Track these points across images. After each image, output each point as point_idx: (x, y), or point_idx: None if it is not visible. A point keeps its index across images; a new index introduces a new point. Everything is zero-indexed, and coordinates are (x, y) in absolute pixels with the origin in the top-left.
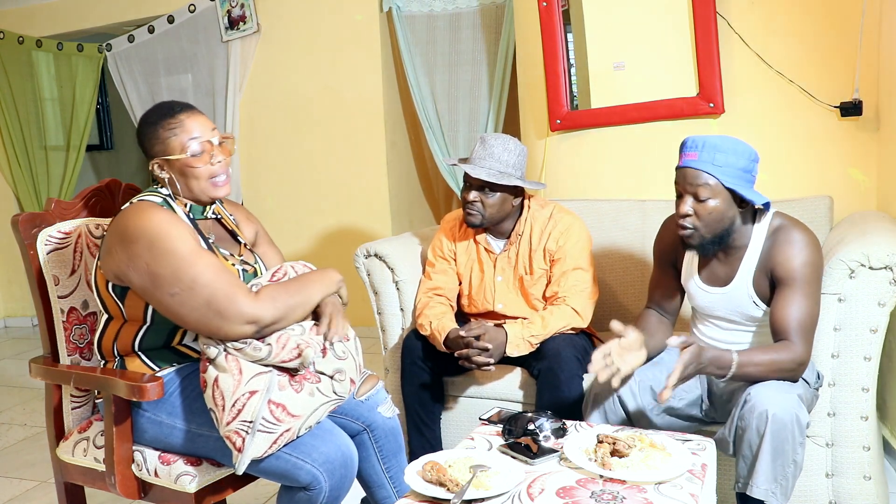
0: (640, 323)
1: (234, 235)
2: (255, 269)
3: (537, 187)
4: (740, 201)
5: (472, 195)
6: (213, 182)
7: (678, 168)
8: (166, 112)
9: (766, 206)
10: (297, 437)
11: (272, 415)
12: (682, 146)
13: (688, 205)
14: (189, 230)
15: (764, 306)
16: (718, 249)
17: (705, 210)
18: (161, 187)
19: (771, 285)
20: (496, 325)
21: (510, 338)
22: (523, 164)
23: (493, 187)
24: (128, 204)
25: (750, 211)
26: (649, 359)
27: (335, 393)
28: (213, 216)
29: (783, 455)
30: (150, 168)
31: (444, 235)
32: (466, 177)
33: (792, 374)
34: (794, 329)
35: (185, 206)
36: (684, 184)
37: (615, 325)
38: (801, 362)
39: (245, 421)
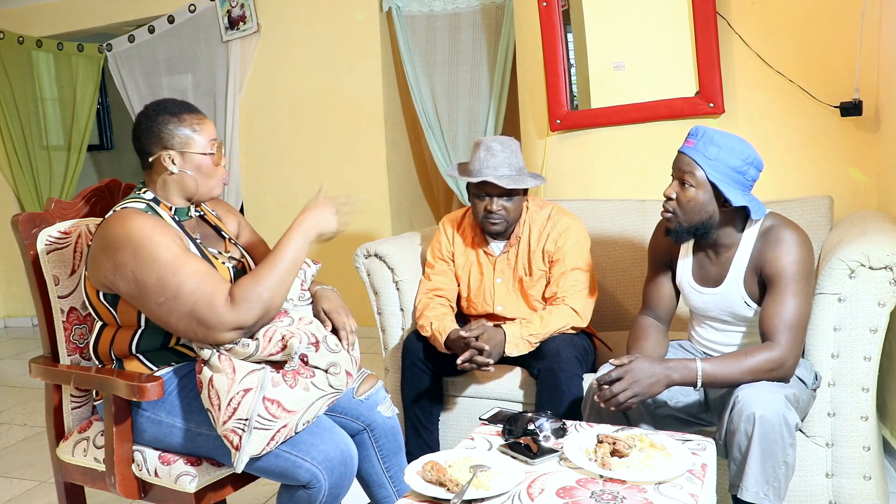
0: (635, 332)
1: (218, 231)
2: (243, 263)
3: (541, 182)
4: (724, 200)
5: (497, 204)
6: (220, 181)
7: (678, 151)
8: (187, 107)
9: (749, 210)
10: (296, 434)
11: (267, 411)
12: (688, 132)
13: (673, 188)
14: (174, 234)
15: (755, 306)
16: (694, 240)
17: (685, 197)
18: (145, 192)
19: (761, 285)
20: (495, 325)
21: (508, 337)
22: (523, 161)
23: (513, 192)
24: (111, 212)
25: (742, 214)
26: None
27: (331, 386)
28: (197, 213)
29: (773, 457)
30: (155, 158)
31: (442, 236)
32: (484, 187)
33: (774, 374)
34: (779, 328)
35: (170, 209)
36: (676, 167)
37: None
38: (782, 362)
39: (241, 419)
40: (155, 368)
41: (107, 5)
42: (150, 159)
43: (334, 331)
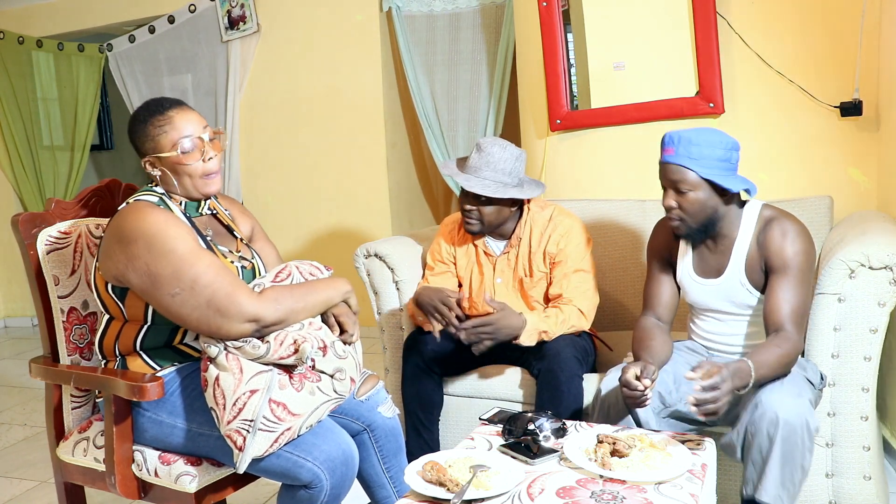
0: (640, 333)
1: (230, 230)
2: (253, 264)
3: (535, 194)
4: (722, 190)
5: (470, 204)
6: (205, 179)
7: (660, 163)
8: (156, 109)
9: (749, 191)
10: (298, 436)
11: (273, 414)
12: (661, 142)
13: (671, 198)
14: (187, 229)
15: (757, 293)
16: (707, 237)
17: (687, 202)
18: (156, 186)
19: (764, 275)
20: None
21: (528, 326)
22: (521, 170)
23: (490, 199)
24: (124, 204)
25: (737, 199)
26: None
27: (335, 392)
28: (209, 212)
29: (792, 461)
30: (142, 165)
31: (443, 239)
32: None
33: (793, 363)
34: (788, 318)
35: (181, 204)
36: (665, 178)
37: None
38: (799, 350)
39: (246, 420)
40: (157, 367)
41: (107, 5)
42: (142, 165)
43: (341, 335)
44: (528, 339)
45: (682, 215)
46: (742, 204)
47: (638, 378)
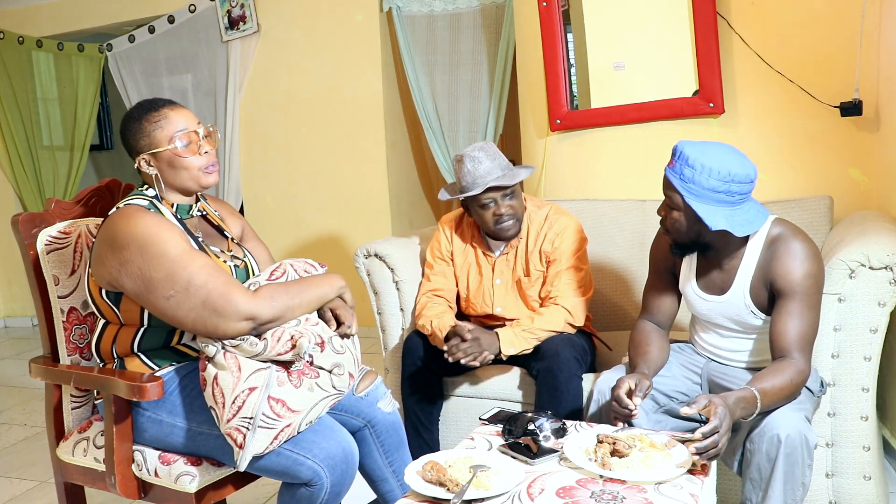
0: (637, 336)
1: (220, 231)
2: (245, 262)
3: (531, 171)
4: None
5: (505, 206)
6: (203, 171)
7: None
8: (149, 107)
9: (732, 231)
10: (298, 433)
11: (272, 411)
12: (672, 149)
13: (663, 207)
14: (178, 231)
15: (762, 315)
16: (703, 252)
17: (670, 218)
18: (147, 189)
19: (770, 296)
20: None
21: (502, 337)
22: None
23: (514, 189)
24: (114, 209)
25: None
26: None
27: (334, 387)
28: (199, 213)
29: (793, 480)
30: (136, 165)
31: (441, 237)
32: (486, 194)
33: (801, 388)
34: (795, 344)
35: (172, 206)
36: (662, 187)
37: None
38: (807, 376)
39: (245, 418)
40: (156, 368)
41: (107, 5)
42: (135, 166)
43: (339, 328)
44: (511, 348)
45: (668, 227)
46: None
47: (630, 394)
